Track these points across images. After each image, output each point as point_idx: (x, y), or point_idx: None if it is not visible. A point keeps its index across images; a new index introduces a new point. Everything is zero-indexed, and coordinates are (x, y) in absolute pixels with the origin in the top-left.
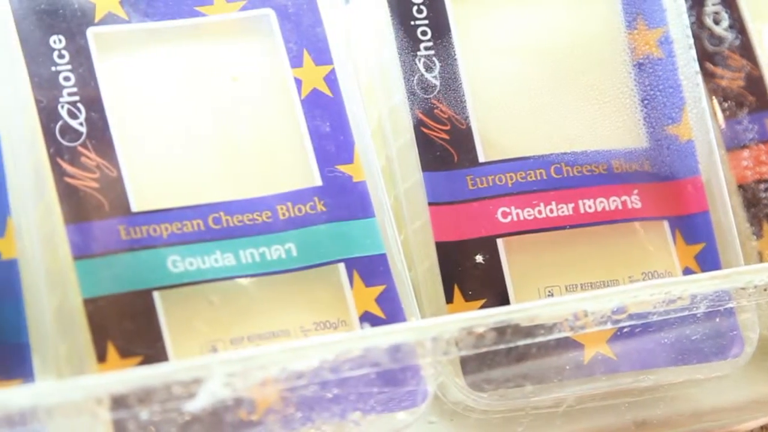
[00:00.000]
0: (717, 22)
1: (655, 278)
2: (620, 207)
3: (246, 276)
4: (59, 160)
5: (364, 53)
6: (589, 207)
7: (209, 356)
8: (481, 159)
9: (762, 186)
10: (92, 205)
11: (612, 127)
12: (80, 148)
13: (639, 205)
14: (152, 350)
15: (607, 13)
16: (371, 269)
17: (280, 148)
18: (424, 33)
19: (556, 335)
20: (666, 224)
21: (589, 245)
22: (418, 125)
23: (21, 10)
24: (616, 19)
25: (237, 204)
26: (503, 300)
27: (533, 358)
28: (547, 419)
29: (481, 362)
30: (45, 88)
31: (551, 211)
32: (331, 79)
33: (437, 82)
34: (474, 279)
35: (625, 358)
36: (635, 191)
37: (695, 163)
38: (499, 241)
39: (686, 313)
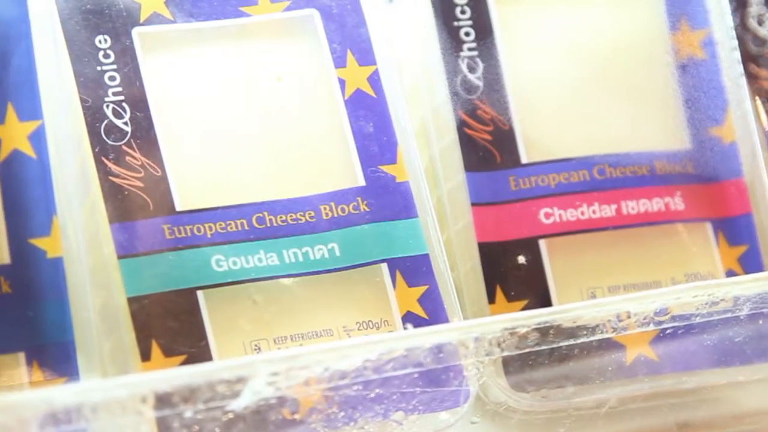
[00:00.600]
0: (761, 24)
1: (697, 280)
2: (663, 208)
3: (289, 276)
4: (104, 160)
5: (407, 54)
6: (632, 208)
7: (253, 355)
8: (524, 160)
9: None
10: (137, 205)
11: (655, 129)
12: (125, 148)
13: (682, 207)
14: (196, 349)
15: (651, 14)
16: (414, 269)
17: (324, 148)
18: (467, 34)
19: (598, 336)
20: (709, 226)
21: (632, 246)
22: (461, 126)
23: (67, 10)
24: (659, 21)
25: (280, 204)
26: (545, 301)
27: (575, 359)
28: (589, 420)
29: (523, 363)
30: (90, 87)
31: (594, 212)
32: (374, 80)
33: (480, 83)
34: (516, 280)
35: (667, 360)
36: (678, 193)
37: (738, 164)
38: (542, 242)
39: (729, 315)
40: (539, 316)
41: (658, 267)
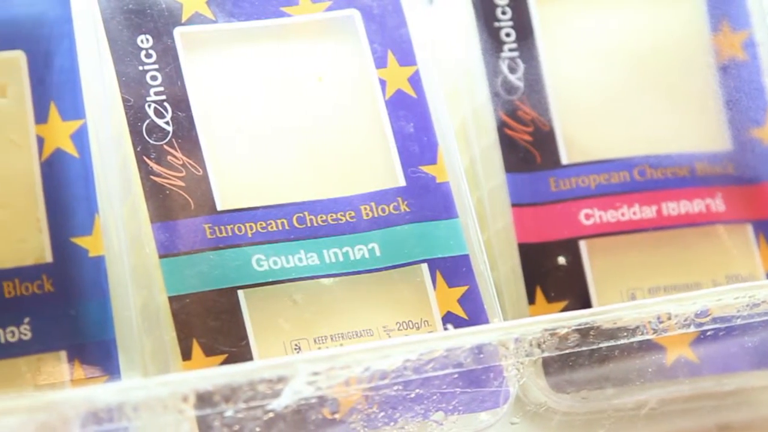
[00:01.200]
0: None
1: (738, 282)
2: (703, 210)
3: (329, 275)
4: (146, 159)
5: (448, 54)
6: (673, 209)
7: (294, 355)
8: (564, 161)
9: None
10: (178, 204)
11: (695, 130)
12: (166, 147)
13: (722, 208)
14: (236, 348)
15: (692, 15)
16: (454, 270)
17: (365, 148)
18: (508, 35)
19: (638, 337)
20: (750, 228)
21: (672, 248)
22: (502, 126)
23: (109, 9)
24: (700, 22)
25: (321, 204)
26: (585, 302)
27: (615, 360)
28: (629, 422)
29: (563, 364)
30: (132, 87)
31: (634, 213)
32: (415, 80)
33: (521, 84)
34: (556, 280)
35: (707, 362)
36: (719, 194)
37: None
38: (582, 243)
39: None
40: (579, 317)
41: (699, 268)
